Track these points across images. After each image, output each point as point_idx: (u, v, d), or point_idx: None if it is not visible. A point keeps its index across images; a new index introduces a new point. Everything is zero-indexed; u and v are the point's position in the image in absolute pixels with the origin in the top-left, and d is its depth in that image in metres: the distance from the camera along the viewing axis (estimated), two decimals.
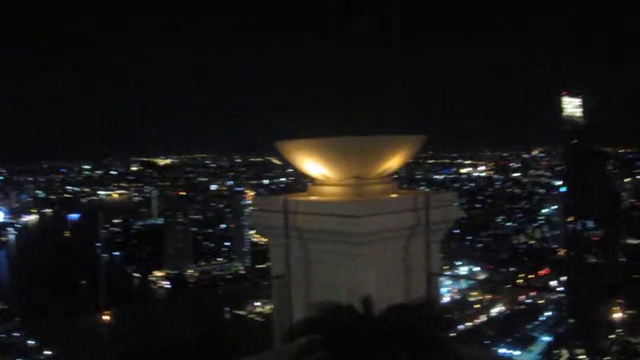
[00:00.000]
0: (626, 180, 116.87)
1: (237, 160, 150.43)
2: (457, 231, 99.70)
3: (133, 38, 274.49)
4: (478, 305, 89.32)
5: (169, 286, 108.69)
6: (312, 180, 7.36)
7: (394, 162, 6.99)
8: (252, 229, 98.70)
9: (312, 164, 7.00)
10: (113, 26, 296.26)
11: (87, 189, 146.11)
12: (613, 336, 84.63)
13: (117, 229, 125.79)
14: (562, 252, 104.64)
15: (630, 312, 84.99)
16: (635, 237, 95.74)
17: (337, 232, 6.34)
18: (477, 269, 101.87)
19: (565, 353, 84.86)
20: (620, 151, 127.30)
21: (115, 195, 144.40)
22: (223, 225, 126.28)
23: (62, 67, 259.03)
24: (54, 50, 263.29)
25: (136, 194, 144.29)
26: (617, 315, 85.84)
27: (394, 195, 7.02)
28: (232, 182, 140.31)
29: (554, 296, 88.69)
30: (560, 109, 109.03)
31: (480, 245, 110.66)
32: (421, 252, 6.80)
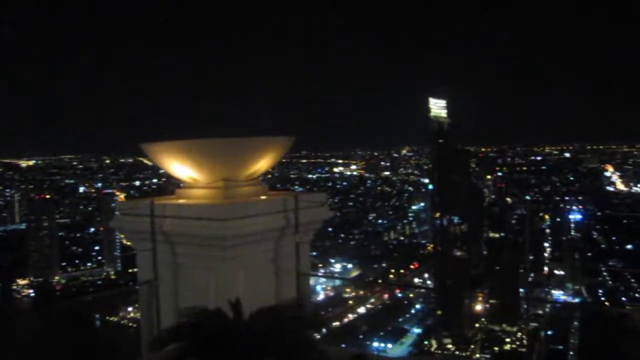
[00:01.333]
0: (488, 177, 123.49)
1: (107, 162, 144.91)
2: (331, 229, 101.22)
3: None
4: (352, 302, 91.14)
5: (34, 295, 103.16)
6: (181, 182, 7.22)
7: (262, 163, 6.98)
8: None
9: (179, 166, 6.86)
10: None
11: None
12: (477, 325, 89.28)
13: None
14: (430, 247, 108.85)
15: (492, 301, 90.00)
16: (496, 232, 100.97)
17: (205, 235, 6.24)
18: (350, 265, 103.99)
19: (434, 343, 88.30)
20: (482, 150, 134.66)
21: None
22: (92, 229, 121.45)
23: None
24: None
25: None
26: (480, 306, 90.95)
27: (263, 197, 7.01)
28: (100, 184, 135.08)
29: (423, 289, 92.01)
30: (427, 110, 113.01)
31: (353, 242, 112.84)
32: (291, 253, 6.84)
